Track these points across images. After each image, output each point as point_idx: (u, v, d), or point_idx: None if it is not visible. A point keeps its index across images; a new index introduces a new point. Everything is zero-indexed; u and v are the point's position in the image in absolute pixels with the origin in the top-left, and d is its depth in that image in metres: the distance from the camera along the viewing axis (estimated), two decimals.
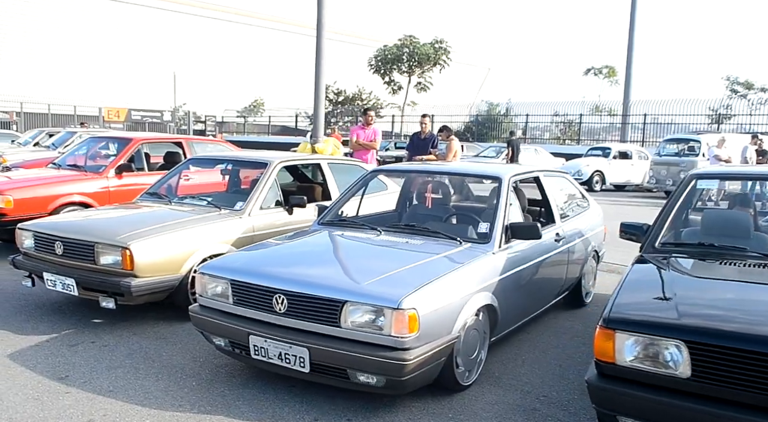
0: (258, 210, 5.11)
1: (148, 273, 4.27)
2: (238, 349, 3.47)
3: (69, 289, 4.43)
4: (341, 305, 3.07)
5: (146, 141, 7.69)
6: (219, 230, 4.77)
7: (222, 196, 5.48)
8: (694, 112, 24.75)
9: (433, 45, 30.89)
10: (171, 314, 4.73)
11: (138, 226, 4.47)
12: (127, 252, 4.18)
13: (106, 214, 5.17)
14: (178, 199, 5.42)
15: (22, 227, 4.82)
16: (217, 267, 3.60)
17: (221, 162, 6.23)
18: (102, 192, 6.99)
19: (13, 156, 13.18)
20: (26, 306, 4.95)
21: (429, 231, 4.00)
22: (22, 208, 6.39)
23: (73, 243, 4.40)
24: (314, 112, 14.69)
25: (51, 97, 35.31)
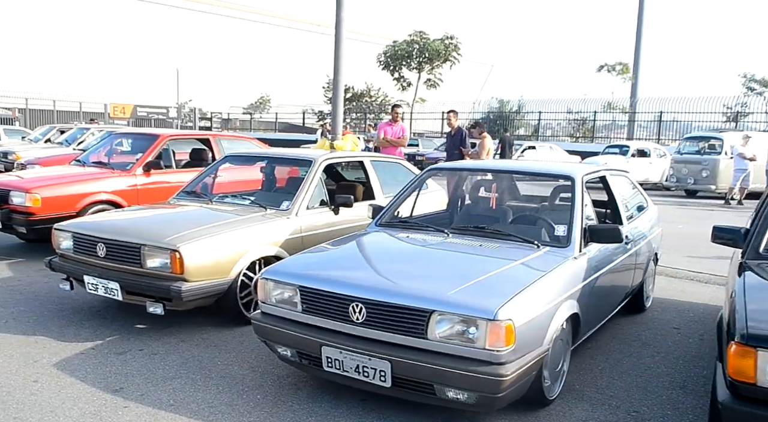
0: (305, 210, 4.87)
1: (198, 277, 4.03)
2: (306, 360, 3.23)
3: (112, 294, 4.19)
4: (428, 315, 2.83)
5: (174, 137, 7.45)
6: (267, 231, 4.52)
7: (265, 196, 5.23)
8: (709, 110, 24.46)
9: (443, 41, 30.55)
10: (217, 319, 4.50)
11: (186, 227, 4.23)
12: (177, 255, 3.94)
13: (148, 214, 4.92)
14: (219, 198, 5.17)
15: (60, 228, 4.58)
16: (282, 272, 3.35)
17: (261, 159, 5.96)
18: (130, 190, 6.76)
19: (26, 153, 12.93)
20: (63, 310, 4.72)
21: (501, 234, 3.76)
22: (49, 207, 6.15)
23: (118, 245, 4.16)
24: (333, 110, 14.49)
25: (56, 94, 35.07)
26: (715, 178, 16.22)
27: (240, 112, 43.19)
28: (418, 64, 31.62)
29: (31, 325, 4.37)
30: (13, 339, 4.09)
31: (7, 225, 6.27)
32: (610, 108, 27.71)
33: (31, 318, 4.54)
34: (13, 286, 5.37)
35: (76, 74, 40.81)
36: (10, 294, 5.14)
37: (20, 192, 6.13)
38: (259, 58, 49.22)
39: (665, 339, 4.50)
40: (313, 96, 40.39)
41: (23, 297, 5.07)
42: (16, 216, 6.14)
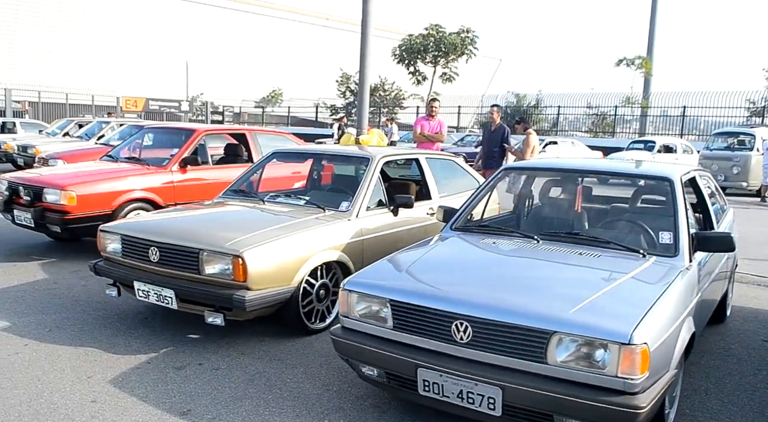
0: (365, 211, 4.55)
1: (261, 285, 3.71)
2: (396, 383, 2.91)
3: (166, 302, 3.88)
4: (548, 337, 2.50)
5: (210, 132, 7.12)
6: (329, 234, 4.20)
7: (320, 195, 4.90)
8: (731, 105, 23.98)
9: (459, 34, 30.11)
10: (274, 328, 4.19)
11: (246, 231, 3.91)
12: (240, 261, 3.62)
13: (202, 216, 4.59)
14: (270, 198, 4.84)
15: (107, 229, 4.27)
16: (369, 284, 3.03)
17: (311, 156, 5.63)
18: (166, 187, 6.45)
19: (46, 147, 12.68)
20: (108, 318, 4.41)
21: (599, 241, 3.42)
22: (85, 205, 5.85)
23: (173, 250, 3.84)
24: (358, 105, 14.11)
25: (69, 87, 34.84)
26: (746, 174, 15.81)
27: (252, 105, 42.86)
28: (433, 58, 31.21)
29: (77, 334, 4.07)
30: (60, 350, 3.79)
31: (40, 224, 5.97)
32: (629, 103, 27.25)
33: (75, 326, 4.24)
34: (51, 290, 5.07)
35: (88, 67, 40.59)
36: (49, 298, 4.84)
37: (55, 189, 5.83)
38: (271, 52, 48.84)
39: (758, 352, 4.17)
40: (325, 90, 40.05)
41: (63, 302, 4.77)
42: (50, 215, 5.84)
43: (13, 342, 3.89)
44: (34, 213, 5.87)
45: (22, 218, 6.08)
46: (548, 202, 4.33)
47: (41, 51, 39.59)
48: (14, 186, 6.20)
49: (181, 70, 41.45)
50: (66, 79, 37.00)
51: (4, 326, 4.18)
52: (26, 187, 6.05)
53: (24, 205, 6.05)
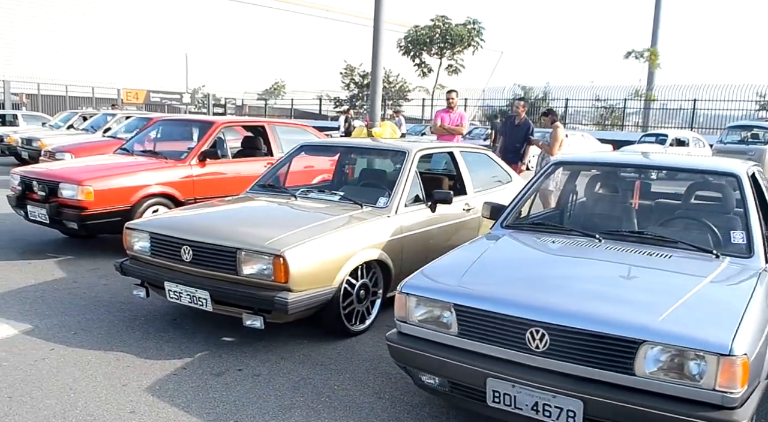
0: (403, 207, 4.34)
1: (302, 286, 3.50)
2: (461, 393, 2.71)
3: (200, 304, 3.67)
4: (636, 346, 2.30)
5: (229, 124, 6.89)
6: (369, 232, 3.99)
7: (354, 191, 4.68)
8: (741, 98, 23.72)
9: (465, 25, 29.82)
10: (311, 331, 3.98)
11: (285, 229, 3.70)
12: (281, 261, 3.41)
13: (236, 212, 4.37)
14: (301, 193, 4.63)
15: (134, 226, 4.06)
16: (429, 287, 2.82)
17: (342, 149, 5.40)
18: (185, 181, 6.23)
19: (51, 140, 12.45)
20: (135, 320, 4.21)
21: (666, 241, 3.21)
22: (103, 201, 5.64)
23: (208, 249, 3.63)
24: (371, 98, 13.91)
25: (68, 79, 34.51)
26: (761, 168, 15.59)
27: (254, 98, 42.53)
28: (439, 50, 30.94)
29: (104, 338, 3.86)
30: (89, 355, 3.59)
31: (55, 221, 5.75)
32: (637, 95, 27.00)
33: (101, 328, 4.03)
34: (72, 289, 4.86)
35: (88, 60, 40.25)
36: (70, 298, 4.63)
37: (71, 184, 5.61)
38: (273, 44, 48.45)
39: None
40: (328, 82, 39.73)
41: (85, 302, 4.56)
42: (67, 211, 5.62)
43: (38, 347, 3.69)
44: (49, 210, 5.65)
45: (37, 214, 5.86)
46: (600, 197, 4.12)
47: (40, 43, 39.21)
48: (27, 181, 5.98)
49: (182, 62, 41.13)
50: (65, 72, 36.65)
51: (27, 329, 3.97)
52: (41, 181, 5.83)
53: (38, 201, 5.83)
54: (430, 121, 30.22)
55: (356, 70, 35.68)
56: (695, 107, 22.99)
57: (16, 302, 4.51)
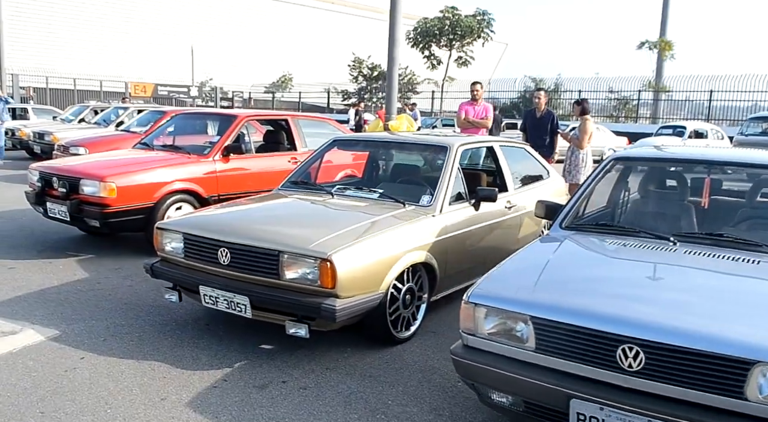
0: (447, 205, 4.09)
1: (350, 292, 3.27)
2: (537, 413, 2.48)
3: (238, 310, 3.44)
4: (749, 368, 2.06)
5: (252, 118, 6.65)
6: (415, 233, 3.75)
7: (394, 188, 4.42)
8: (756, 89, 23.29)
9: (475, 17, 29.41)
10: (353, 338, 3.75)
11: (328, 229, 3.47)
12: (328, 265, 3.18)
13: (274, 212, 4.12)
14: (338, 190, 4.38)
15: (166, 226, 3.83)
16: (501, 297, 2.57)
17: (377, 144, 5.14)
18: (209, 177, 6.00)
19: (64, 134, 12.23)
20: (165, 325, 3.99)
21: (748, 244, 2.96)
22: (126, 197, 5.41)
23: (248, 252, 3.39)
24: (387, 91, 13.69)
25: (76, 72, 34.34)
26: None
27: (261, 91, 42.24)
28: (448, 42, 30.54)
29: (136, 345, 3.65)
30: (122, 365, 3.37)
31: (76, 218, 5.53)
32: (650, 87, 26.62)
33: (132, 334, 3.81)
34: (96, 291, 4.64)
35: (96, 53, 40.06)
36: (95, 301, 4.42)
37: (93, 180, 5.38)
38: (280, 37, 48.14)
39: None
40: (336, 75, 39.38)
41: (112, 305, 4.34)
42: (88, 208, 5.39)
43: (67, 355, 3.47)
44: (70, 207, 5.43)
45: (56, 211, 5.64)
46: (663, 195, 3.86)
47: (48, 37, 39.02)
48: (47, 176, 5.77)
49: (189, 56, 40.87)
50: (73, 65, 36.45)
51: (54, 335, 3.76)
52: (61, 177, 5.61)
53: (58, 198, 5.61)
54: (441, 113, 29.91)
55: (365, 63, 35.33)
56: (711, 98, 22.59)
57: (39, 305, 4.29)
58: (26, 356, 3.44)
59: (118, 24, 41.76)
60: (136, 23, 42.61)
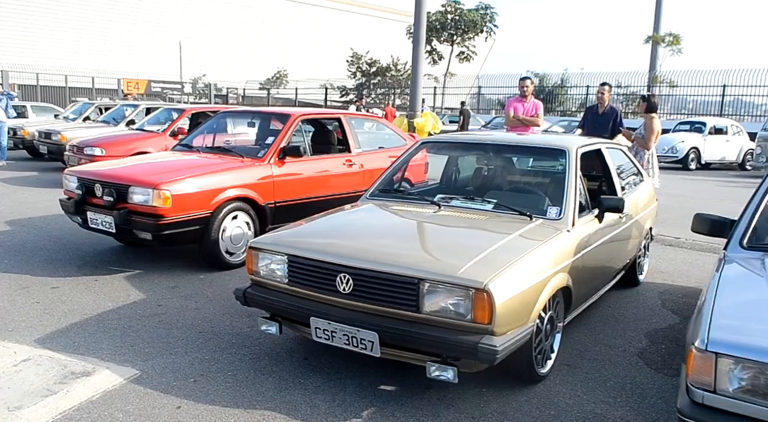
0: (577, 218, 3.57)
1: (505, 327, 2.74)
2: None
3: (362, 347, 2.89)
4: None
5: (307, 117, 6.07)
6: (557, 252, 3.22)
7: (505, 197, 3.86)
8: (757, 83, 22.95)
9: (478, 11, 28.96)
10: (478, 375, 3.21)
11: (470, 251, 2.93)
12: (485, 296, 2.65)
13: (395, 229, 3.55)
14: (444, 201, 3.82)
15: (262, 246, 3.26)
16: (756, 347, 2.06)
17: (474, 147, 4.56)
18: (265, 182, 5.43)
19: (72, 133, 11.57)
20: (259, 360, 3.43)
21: None
22: (181, 207, 4.83)
23: (377, 278, 2.85)
24: (411, 88, 13.13)
25: (68, 69, 33.44)
26: None
27: (256, 87, 41.48)
28: (449, 37, 30.08)
29: (233, 387, 3.09)
30: (231, 416, 2.81)
31: (123, 230, 4.94)
32: (656, 82, 26.27)
33: (225, 373, 3.25)
34: (160, 316, 4.07)
35: (87, 49, 39.17)
36: (165, 329, 3.85)
37: (144, 187, 4.79)
38: (274, 33, 47.43)
39: None
40: (333, 71, 38.74)
41: (185, 334, 3.78)
42: (139, 219, 4.80)
43: (160, 404, 2.91)
44: (117, 218, 4.84)
45: (99, 222, 5.05)
46: None
47: (38, 33, 38.01)
48: (88, 183, 5.16)
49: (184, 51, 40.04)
50: (64, 61, 35.55)
51: (134, 375, 3.19)
52: (106, 184, 5.01)
53: (102, 207, 5.02)
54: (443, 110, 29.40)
55: (363, 58, 34.75)
56: (724, 93, 22.27)
57: (102, 334, 3.72)
58: (111, 405, 2.88)
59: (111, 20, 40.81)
60: (129, 19, 41.70)
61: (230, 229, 5.16)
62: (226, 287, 4.74)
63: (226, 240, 5.14)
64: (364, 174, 6.34)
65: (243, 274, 5.07)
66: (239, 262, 5.27)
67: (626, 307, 4.52)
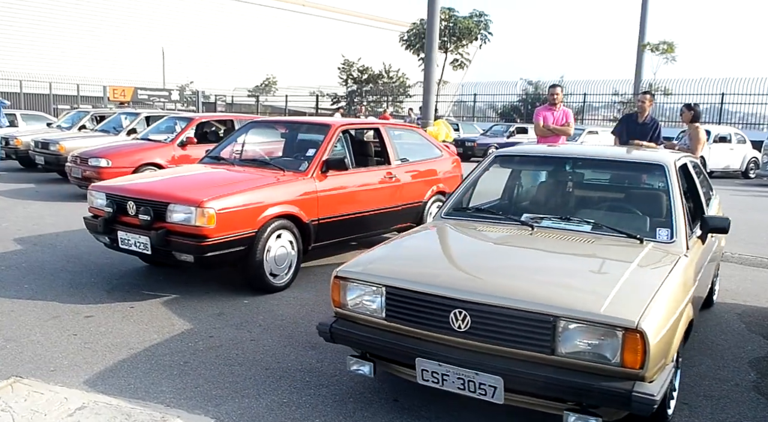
0: (688, 240, 3.25)
1: (654, 370, 2.38)
2: None
3: (480, 392, 2.52)
4: None
5: (347, 127, 5.69)
6: (682, 282, 2.87)
7: (600, 216, 3.52)
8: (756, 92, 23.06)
9: (472, 18, 28.78)
10: None
11: (605, 284, 2.59)
12: (638, 337, 2.29)
13: (509, 259, 3.13)
14: (533, 220, 3.46)
15: (351, 275, 2.87)
16: None
17: (556, 160, 4.16)
18: (309, 198, 5.05)
19: (72, 143, 11.07)
20: (344, 403, 3.04)
21: None
22: (226, 225, 4.43)
23: (502, 315, 2.48)
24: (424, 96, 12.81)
25: (52, 75, 32.71)
26: None
27: (245, 94, 40.93)
28: (443, 44, 29.83)
29: None
30: None
31: (161, 251, 4.52)
32: (651, 89, 26.30)
33: (314, 419, 2.87)
34: (217, 351, 3.67)
35: (72, 57, 38.40)
36: (227, 366, 3.45)
37: (186, 205, 4.38)
38: (262, 40, 46.87)
39: None
40: (323, 78, 38.32)
41: (251, 373, 3.38)
42: (179, 240, 4.39)
43: None
44: (155, 238, 4.41)
45: (132, 243, 4.62)
46: None
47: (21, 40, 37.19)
48: (119, 200, 4.74)
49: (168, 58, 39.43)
50: (48, 68, 34.80)
51: None
52: (141, 201, 4.59)
53: (136, 226, 4.60)
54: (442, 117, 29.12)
55: (355, 65, 34.38)
56: (723, 101, 22.29)
57: (160, 374, 3.31)
58: None
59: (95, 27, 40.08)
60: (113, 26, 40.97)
61: (274, 249, 4.77)
62: (277, 314, 4.35)
63: (270, 261, 4.75)
64: (404, 187, 6.01)
65: (289, 298, 4.71)
66: (283, 285, 4.89)
67: (713, 333, 4.20)
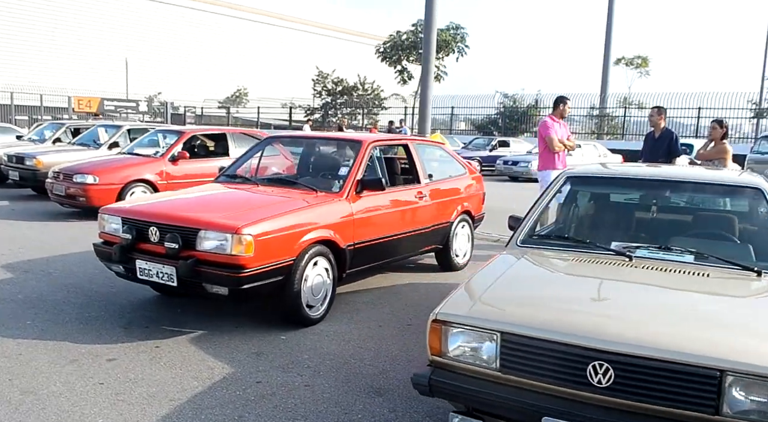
0: None
1: None
2: None
3: None
4: None
5: (377, 143, 5.29)
6: None
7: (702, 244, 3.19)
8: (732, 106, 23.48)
9: (449, 30, 28.75)
10: None
11: (752, 329, 2.27)
12: None
13: (629, 294, 2.71)
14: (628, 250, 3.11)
15: (454, 319, 2.47)
16: None
17: (643, 183, 3.73)
18: (345, 222, 4.65)
19: (50, 158, 10.42)
20: None
21: None
22: (264, 254, 3.99)
23: (656, 369, 2.12)
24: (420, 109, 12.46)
25: (15, 85, 31.48)
26: None
27: (215, 106, 40.11)
28: (419, 56, 29.74)
29: None
30: None
31: (188, 284, 4.04)
32: (625, 103, 26.64)
33: None
34: (269, 400, 3.22)
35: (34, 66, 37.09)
36: (284, 418, 3.01)
37: (219, 231, 3.92)
38: (233, 51, 46.27)
39: None
40: (296, 90, 37.85)
41: None
42: (212, 271, 3.92)
43: None
44: (183, 269, 3.93)
45: (155, 273, 4.13)
46: None
47: None
48: (139, 225, 4.24)
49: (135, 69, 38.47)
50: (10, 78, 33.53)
51: None
52: (165, 226, 4.11)
53: (161, 255, 4.11)
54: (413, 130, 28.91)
55: (329, 77, 34.01)
56: (699, 115, 22.62)
57: None
58: None
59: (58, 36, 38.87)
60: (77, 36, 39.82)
61: (311, 278, 4.35)
62: (322, 352, 3.92)
63: (306, 291, 4.32)
64: (432, 207, 5.65)
65: (329, 332, 4.29)
66: (319, 317, 4.46)
67: None
